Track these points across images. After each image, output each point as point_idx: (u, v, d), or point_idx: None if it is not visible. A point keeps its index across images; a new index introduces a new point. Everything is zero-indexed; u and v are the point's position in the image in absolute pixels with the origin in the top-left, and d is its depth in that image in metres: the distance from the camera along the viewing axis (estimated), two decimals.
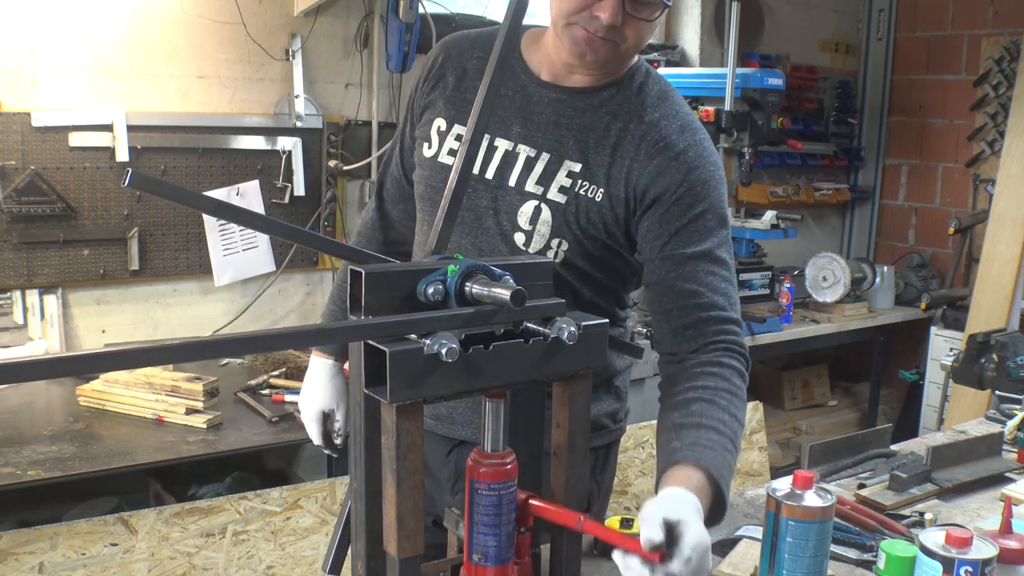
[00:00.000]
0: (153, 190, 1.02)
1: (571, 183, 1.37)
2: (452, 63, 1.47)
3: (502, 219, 1.40)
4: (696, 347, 1.33)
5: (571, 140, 1.38)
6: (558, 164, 1.38)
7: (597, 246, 1.39)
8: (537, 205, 1.37)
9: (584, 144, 1.37)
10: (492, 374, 1.01)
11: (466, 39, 1.50)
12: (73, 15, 2.73)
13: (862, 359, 4.63)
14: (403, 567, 0.99)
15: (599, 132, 1.38)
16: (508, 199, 1.39)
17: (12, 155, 2.67)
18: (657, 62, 4.00)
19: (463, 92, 1.44)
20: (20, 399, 2.53)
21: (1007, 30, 4.34)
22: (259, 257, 3.14)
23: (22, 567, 1.99)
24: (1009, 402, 2.22)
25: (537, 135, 1.39)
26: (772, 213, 3.84)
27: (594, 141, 1.37)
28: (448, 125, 1.45)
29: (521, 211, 1.38)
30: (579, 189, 1.36)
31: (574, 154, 1.37)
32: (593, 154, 1.37)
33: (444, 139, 1.45)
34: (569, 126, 1.39)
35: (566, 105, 1.39)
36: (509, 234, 1.39)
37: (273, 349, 1.09)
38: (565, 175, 1.37)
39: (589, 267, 1.41)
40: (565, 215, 1.37)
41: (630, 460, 2.87)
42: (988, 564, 1.18)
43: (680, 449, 1.20)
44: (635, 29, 1.30)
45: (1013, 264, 3.87)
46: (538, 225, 1.37)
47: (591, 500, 1.54)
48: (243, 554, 2.23)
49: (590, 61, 1.33)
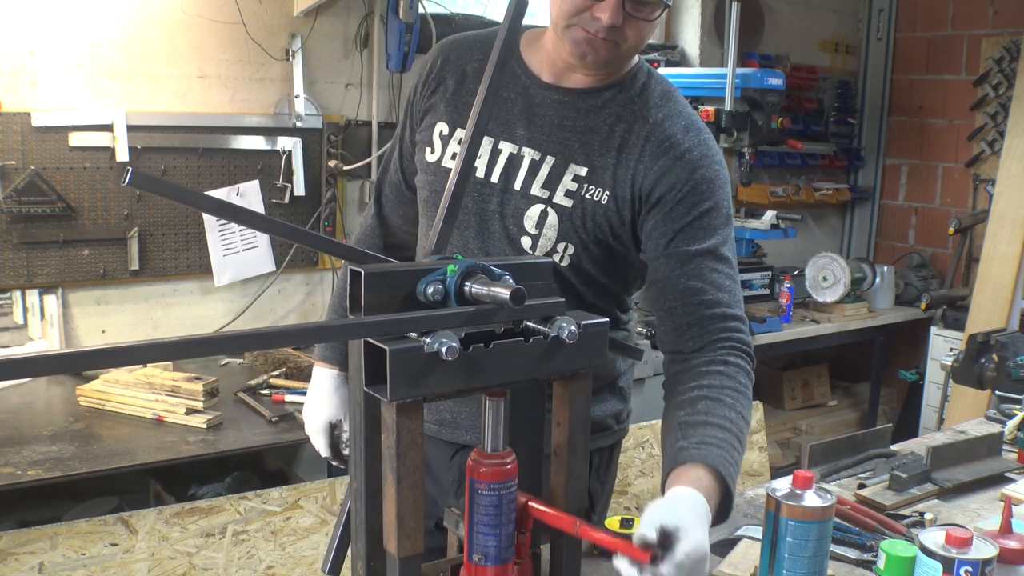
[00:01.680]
0: (153, 189, 1.02)
1: (577, 187, 1.37)
2: (451, 66, 1.46)
3: (508, 223, 1.39)
4: (701, 345, 1.33)
5: (576, 143, 1.38)
6: (563, 167, 1.37)
7: (602, 249, 1.39)
8: (543, 209, 1.37)
9: (589, 147, 1.37)
10: (492, 372, 1.01)
11: (464, 41, 1.49)
12: (73, 15, 2.73)
13: (862, 359, 4.63)
14: (403, 566, 0.99)
15: (603, 134, 1.37)
16: (514, 203, 1.39)
17: (12, 155, 2.67)
18: (657, 62, 4.00)
19: (464, 95, 1.44)
20: (20, 399, 2.52)
21: (1007, 30, 4.34)
22: (259, 257, 3.14)
23: (22, 567, 1.99)
24: (1009, 402, 2.22)
25: (541, 138, 1.39)
26: (772, 213, 3.84)
27: (598, 143, 1.37)
28: (450, 129, 1.44)
29: (527, 215, 1.38)
30: (585, 193, 1.36)
31: (579, 157, 1.37)
32: (598, 157, 1.37)
33: (447, 143, 1.45)
34: (573, 128, 1.38)
35: (569, 107, 1.39)
36: (516, 238, 1.39)
37: (273, 347, 1.09)
38: (571, 179, 1.37)
39: (594, 270, 1.41)
40: (571, 219, 1.37)
41: (630, 460, 2.87)
42: (988, 564, 1.18)
43: (687, 448, 1.19)
44: (635, 29, 1.29)
45: (1013, 264, 3.87)
46: (544, 229, 1.37)
47: (594, 500, 1.54)
48: (243, 554, 2.23)
49: (591, 61, 1.32)
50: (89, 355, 0.84)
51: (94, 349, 0.81)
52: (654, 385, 3.30)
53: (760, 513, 1.54)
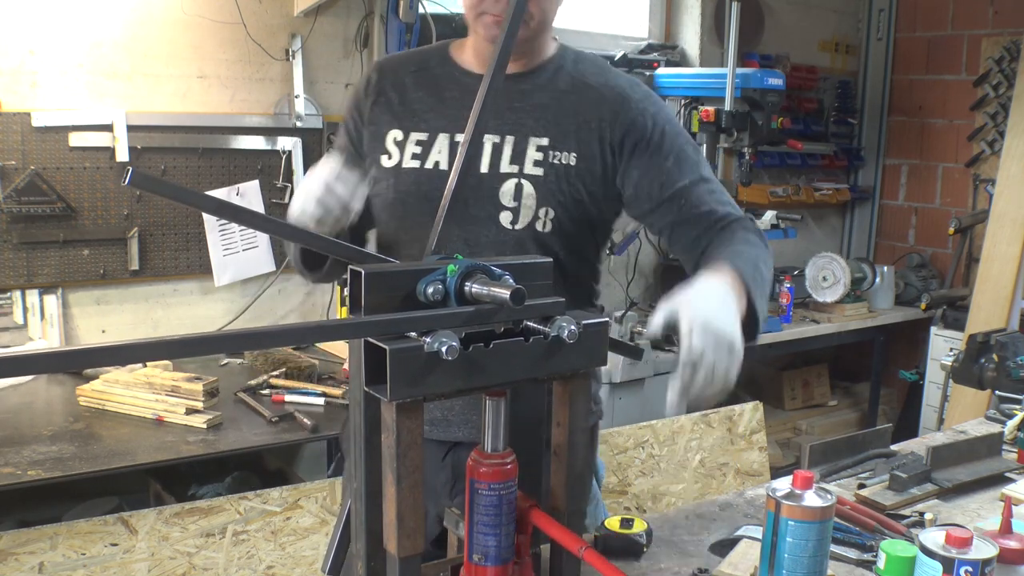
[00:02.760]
0: (153, 189, 1.02)
1: (542, 156, 1.46)
2: (389, 80, 1.56)
3: (485, 204, 1.46)
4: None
5: (529, 119, 1.47)
6: (524, 143, 1.46)
7: (580, 210, 1.48)
8: (517, 182, 1.45)
9: (543, 119, 1.47)
10: (492, 372, 1.01)
11: (396, 59, 1.64)
12: (73, 15, 2.73)
13: (862, 359, 4.63)
14: (403, 565, 0.99)
15: (554, 108, 1.48)
16: (487, 184, 1.46)
17: (12, 155, 2.67)
18: (657, 62, 4.00)
19: (409, 104, 1.53)
20: (20, 399, 2.52)
21: (1007, 30, 4.34)
22: (259, 257, 3.14)
23: (22, 567, 1.99)
24: (1009, 402, 2.22)
25: (495, 122, 1.47)
26: (772, 213, 3.84)
27: (552, 115, 1.47)
28: (404, 134, 1.52)
29: (502, 191, 1.46)
30: (552, 159, 1.46)
31: (537, 130, 1.47)
32: (554, 126, 1.47)
33: (403, 147, 1.51)
34: (522, 108, 1.48)
35: (512, 91, 1.48)
36: (495, 216, 1.46)
37: (273, 346, 1.09)
38: (535, 150, 1.46)
39: (576, 232, 1.49)
40: (546, 185, 1.45)
41: (630, 460, 2.87)
42: (988, 564, 1.18)
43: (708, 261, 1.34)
44: (539, 5, 1.42)
45: (1013, 264, 3.87)
46: (523, 199, 1.45)
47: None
48: (243, 554, 2.23)
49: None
50: (89, 353, 0.84)
51: (93, 347, 0.81)
52: (654, 385, 3.30)
53: (760, 513, 1.54)
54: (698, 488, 3.01)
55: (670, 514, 1.60)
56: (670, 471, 2.96)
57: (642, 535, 1.41)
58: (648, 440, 2.91)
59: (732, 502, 1.65)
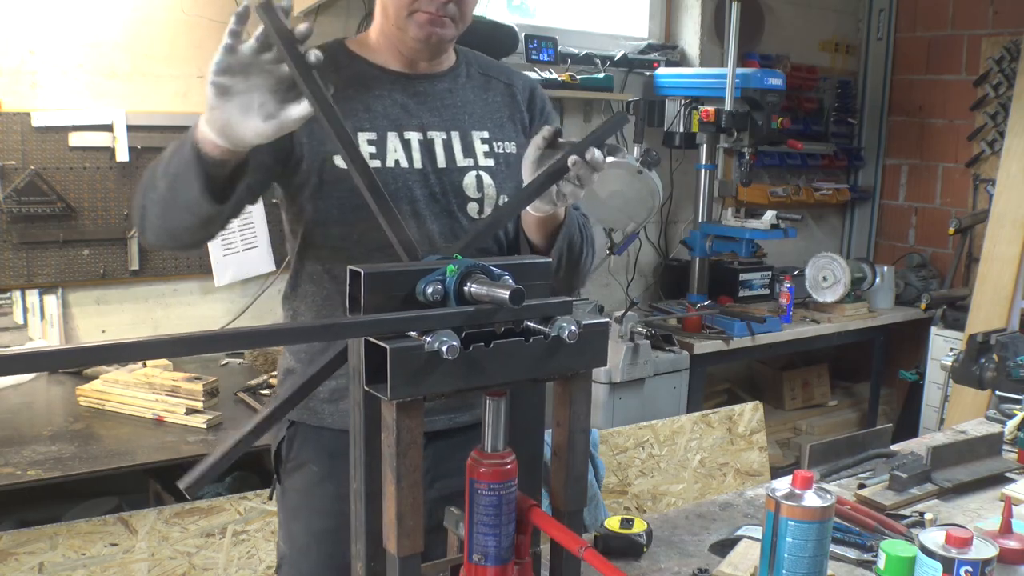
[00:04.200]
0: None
1: (488, 148, 1.54)
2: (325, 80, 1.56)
3: (451, 198, 1.50)
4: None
5: (464, 115, 1.54)
6: (468, 137, 1.53)
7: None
8: (477, 175, 1.52)
9: (476, 115, 1.55)
10: (493, 372, 1.01)
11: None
12: (73, 15, 2.73)
13: (862, 359, 4.63)
14: (403, 565, 0.99)
15: (479, 103, 1.56)
16: (449, 178, 1.50)
17: (12, 155, 2.67)
18: (657, 62, 4.00)
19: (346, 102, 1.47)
20: (20, 399, 2.53)
21: (1007, 30, 4.34)
22: (259, 257, 3.14)
23: (22, 567, 1.99)
24: (1009, 402, 2.22)
25: (435, 119, 1.51)
26: (772, 213, 3.84)
27: (480, 109, 1.55)
28: (352, 133, 1.51)
29: (465, 184, 1.51)
30: (497, 149, 1.55)
31: (476, 124, 1.54)
32: (488, 119, 1.56)
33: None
34: (453, 105, 1.54)
35: (436, 89, 1.53)
36: (463, 207, 1.50)
37: (273, 346, 1.09)
38: (480, 142, 1.54)
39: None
40: (500, 173, 1.53)
41: (630, 460, 2.87)
42: (988, 564, 1.18)
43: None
44: (464, 6, 1.46)
45: (1013, 264, 3.87)
46: (485, 190, 1.52)
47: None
48: (243, 554, 2.23)
49: (435, 42, 1.45)
50: (88, 351, 0.84)
51: (93, 345, 0.81)
52: (654, 385, 3.30)
53: (760, 513, 1.54)
54: (698, 488, 3.01)
55: (670, 514, 1.61)
56: (670, 471, 2.96)
57: (642, 535, 1.41)
58: (648, 440, 2.91)
59: (732, 502, 1.65)
